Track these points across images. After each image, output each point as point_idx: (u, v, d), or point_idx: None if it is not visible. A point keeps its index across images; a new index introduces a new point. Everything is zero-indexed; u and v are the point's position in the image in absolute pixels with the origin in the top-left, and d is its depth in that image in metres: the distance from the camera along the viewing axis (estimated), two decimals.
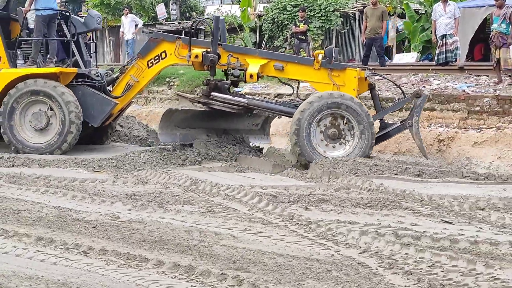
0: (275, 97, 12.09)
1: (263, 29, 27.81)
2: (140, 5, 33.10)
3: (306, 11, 23.64)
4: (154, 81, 18.61)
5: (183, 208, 7.70)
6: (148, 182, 9.32)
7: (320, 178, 9.67)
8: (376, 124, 11.37)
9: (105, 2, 33.14)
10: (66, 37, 12.53)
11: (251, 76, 11.38)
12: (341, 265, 5.61)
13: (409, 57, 22.44)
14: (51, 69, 11.98)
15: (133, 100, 13.26)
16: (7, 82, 11.87)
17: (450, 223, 7.11)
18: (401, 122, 11.58)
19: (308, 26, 22.25)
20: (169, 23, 33.63)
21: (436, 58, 17.86)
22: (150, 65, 12.07)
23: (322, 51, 11.57)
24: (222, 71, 11.97)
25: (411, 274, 5.30)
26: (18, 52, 12.45)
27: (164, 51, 11.97)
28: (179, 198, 8.20)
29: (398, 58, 22.68)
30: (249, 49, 13.04)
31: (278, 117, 12.09)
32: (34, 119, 11.84)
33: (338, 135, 10.87)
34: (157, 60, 12.01)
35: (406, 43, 25.38)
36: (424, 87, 14.75)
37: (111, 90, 12.46)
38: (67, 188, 8.80)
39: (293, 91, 12.38)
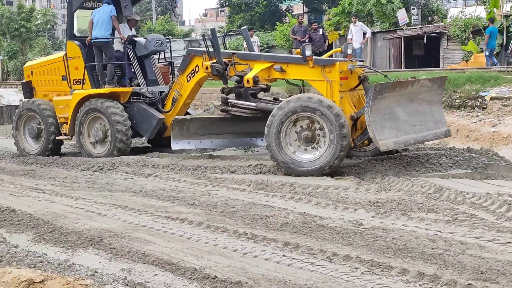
0: None
1: (510, 30, 26.68)
2: (381, 12, 33.06)
3: None
4: None
5: (427, 216, 7.58)
6: (390, 189, 9.28)
7: None
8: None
9: (346, 11, 33.59)
10: (133, 60, 13.96)
11: (248, 81, 11.64)
12: None
13: None
14: (104, 90, 13.70)
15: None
16: (76, 102, 13.81)
17: None
18: None
19: None
20: (410, 28, 33.33)
21: None
22: (188, 79, 13.03)
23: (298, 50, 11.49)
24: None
25: None
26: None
27: (197, 65, 12.79)
28: (423, 206, 8.07)
29: None
30: (258, 55, 13.04)
31: None
32: (94, 132, 13.71)
33: (312, 139, 10.63)
34: (193, 74, 12.89)
35: None
36: None
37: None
38: (311, 194, 9.03)
39: (300, 91, 12.27)
